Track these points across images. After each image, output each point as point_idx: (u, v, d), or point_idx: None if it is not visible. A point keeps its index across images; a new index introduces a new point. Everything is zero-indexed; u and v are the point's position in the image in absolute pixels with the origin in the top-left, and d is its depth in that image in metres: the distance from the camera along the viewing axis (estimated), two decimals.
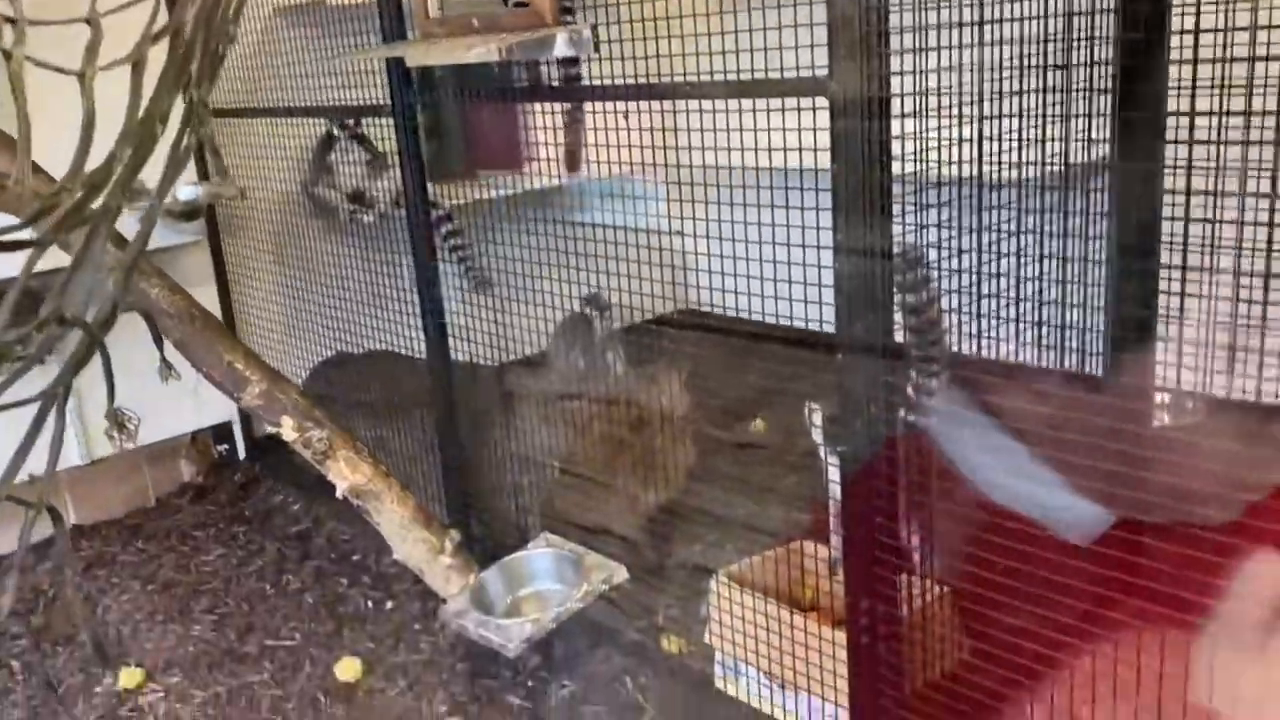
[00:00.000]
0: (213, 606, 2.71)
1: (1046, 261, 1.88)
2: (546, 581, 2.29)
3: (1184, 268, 1.69)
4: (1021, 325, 1.85)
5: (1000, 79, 1.62)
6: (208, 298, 3.35)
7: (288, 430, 2.39)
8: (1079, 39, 1.78)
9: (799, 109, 1.59)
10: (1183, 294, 1.74)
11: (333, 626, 2.58)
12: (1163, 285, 1.86)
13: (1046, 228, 1.87)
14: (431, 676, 2.33)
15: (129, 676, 2.40)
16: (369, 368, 3.16)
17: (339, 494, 2.39)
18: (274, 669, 2.42)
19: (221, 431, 3.52)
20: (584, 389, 2.84)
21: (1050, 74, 1.72)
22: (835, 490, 2.06)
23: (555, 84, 2.20)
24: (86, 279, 1.22)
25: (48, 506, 1.33)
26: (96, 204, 1.18)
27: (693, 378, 2.95)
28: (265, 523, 3.17)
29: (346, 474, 2.39)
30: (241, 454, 3.57)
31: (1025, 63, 1.67)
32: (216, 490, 3.40)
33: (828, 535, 2.11)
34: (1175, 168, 1.62)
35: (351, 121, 3.05)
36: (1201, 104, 1.52)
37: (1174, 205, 1.64)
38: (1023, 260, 1.85)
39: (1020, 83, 1.68)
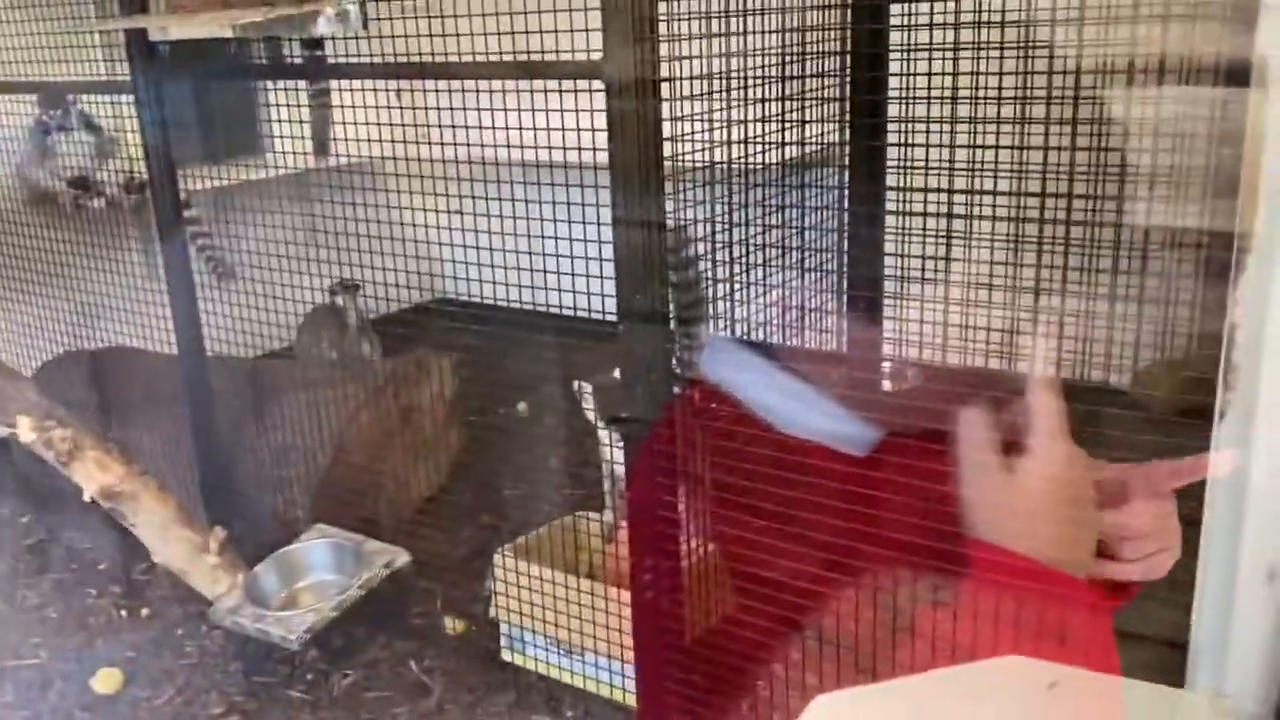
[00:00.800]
0: None
1: (794, 243, 2.06)
2: (324, 572, 2.25)
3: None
4: (774, 304, 2.02)
5: (760, 67, 1.76)
6: None
7: (24, 431, 2.21)
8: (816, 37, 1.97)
9: (575, 90, 1.66)
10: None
11: (83, 639, 2.40)
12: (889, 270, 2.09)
13: (797, 211, 2.05)
14: (202, 679, 2.23)
15: None
16: (103, 366, 2.95)
17: (87, 497, 2.23)
18: (19, 689, 2.22)
19: None
20: (340, 378, 2.78)
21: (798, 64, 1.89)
22: (609, 458, 2.16)
23: (309, 59, 2.16)
24: None
25: None
26: None
27: (455, 366, 2.97)
28: None
29: (96, 475, 2.23)
30: None
31: (784, 55, 1.82)
32: None
33: (601, 505, 2.21)
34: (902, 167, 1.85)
35: (71, 98, 2.83)
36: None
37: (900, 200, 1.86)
38: (774, 242, 2.02)
39: (780, 70, 1.83)
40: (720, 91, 1.70)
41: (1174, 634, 0.61)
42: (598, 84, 1.63)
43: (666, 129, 1.65)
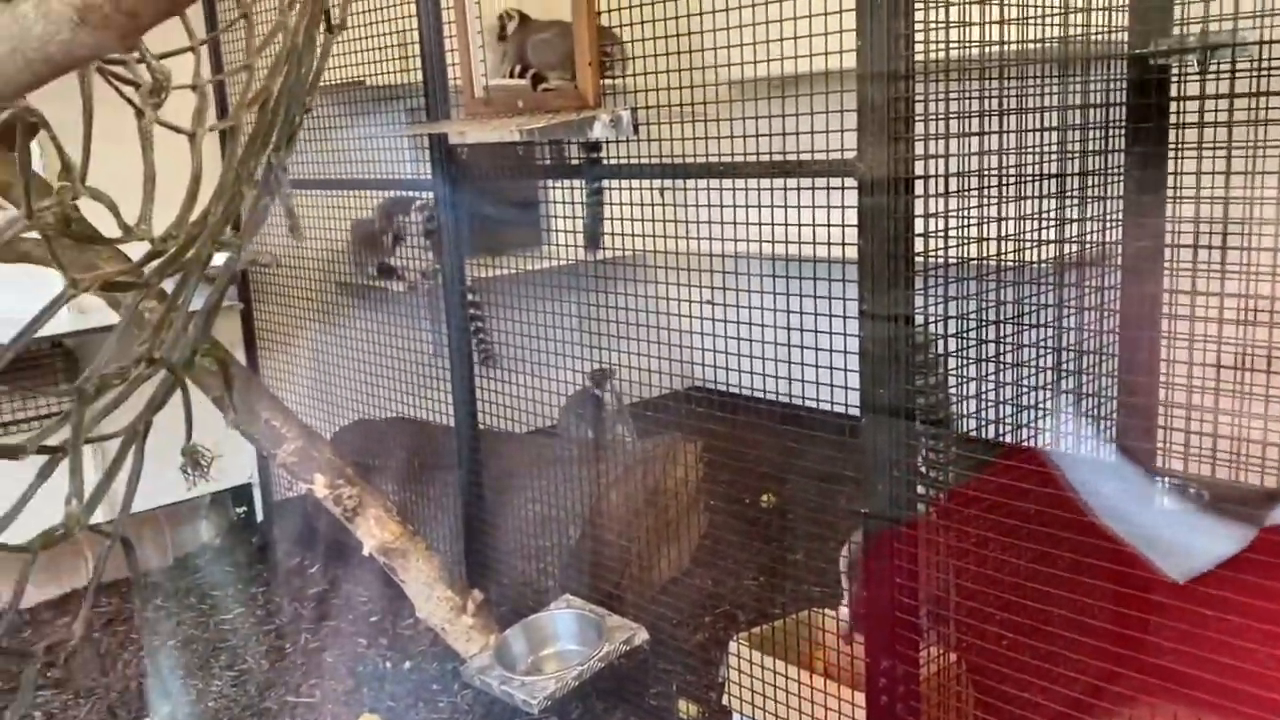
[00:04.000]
0: (232, 663, 2.75)
1: (1058, 344, 1.98)
2: (568, 641, 2.34)
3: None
4: (1034, 407, 1.95)
5: (1020, 164, 1.74)
6: (236, 359, 3.45)
7: (320, 487, 2.46)
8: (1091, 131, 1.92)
9: (828, 188, 1.71)
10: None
11: (352, 684, 2.61)
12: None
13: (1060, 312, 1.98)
14: None
15: None
16: (389, 433, 3.23)
17: (366, 551, 2.45)
18: None
19: (240, 494, 3.58)
20: (595, 457, 2.91)
21: (1066, 162, 1.85)
22: (848, 554, 2.12)
23: (587, 160, 2.33)
24: (178, 322, 1.32)
25: (121, 538, 1.40)
26: (190, 253, 1.29)
27: (704, 452, 3.03)
28: (283, 584, 3.22)
29: (375, 532, 2.45)
30: (259, 516, 3.62)
31: (1043, 152, 1.80)
32: (235, 551, 3.45)
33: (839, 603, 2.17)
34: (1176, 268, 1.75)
35: (419, 201, 3.18)
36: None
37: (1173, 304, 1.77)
38: (1036, 342, 1.95)
39: (1039, 168, 1.80)
40: (978, 189, 1.69)
41: None
42: (850, 181, 1.66)
43: (919, 224, 1.66)
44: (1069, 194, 1.93)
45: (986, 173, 1.73)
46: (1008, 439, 1.90)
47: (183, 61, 1.13)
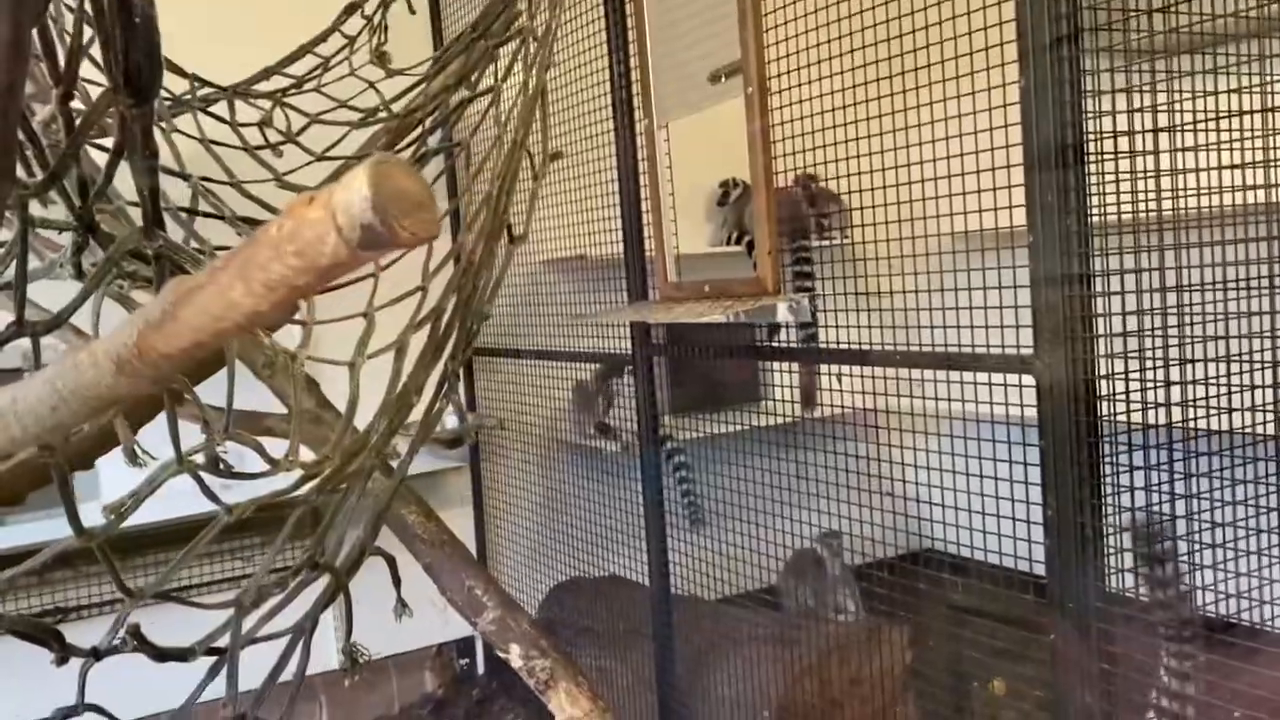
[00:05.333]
0: None
1: None
2: None
3: None
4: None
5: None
6: (465, 518, 3.64)
7: (514, 658, 2.51)
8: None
9: (1005, 385, 1.62)
10: None
11: None
12: None
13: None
14: None
15: None
16: (600, 593, 3.28)
17: None
18: None
19: (464, 646, 3.72)
20: (788, 636, 2.80)
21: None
22: None
23: (783, 345, 2.34)
24: (339, 531, 1.41)
25: None
26: (352, 468, 1.38)
27: (920, 630, 2.85)
28: None
29: (566, 706, 2.46)
30: (481, 669, 3.74)
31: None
32: (455, 703, 3.56)
33: None
34: None
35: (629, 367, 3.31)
36: None
37: None
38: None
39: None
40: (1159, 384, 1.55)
41: None
42: (1028, 379, 1.57)
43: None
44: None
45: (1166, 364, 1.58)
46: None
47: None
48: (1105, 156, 1.49)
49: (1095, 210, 1.48)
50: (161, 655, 1.19)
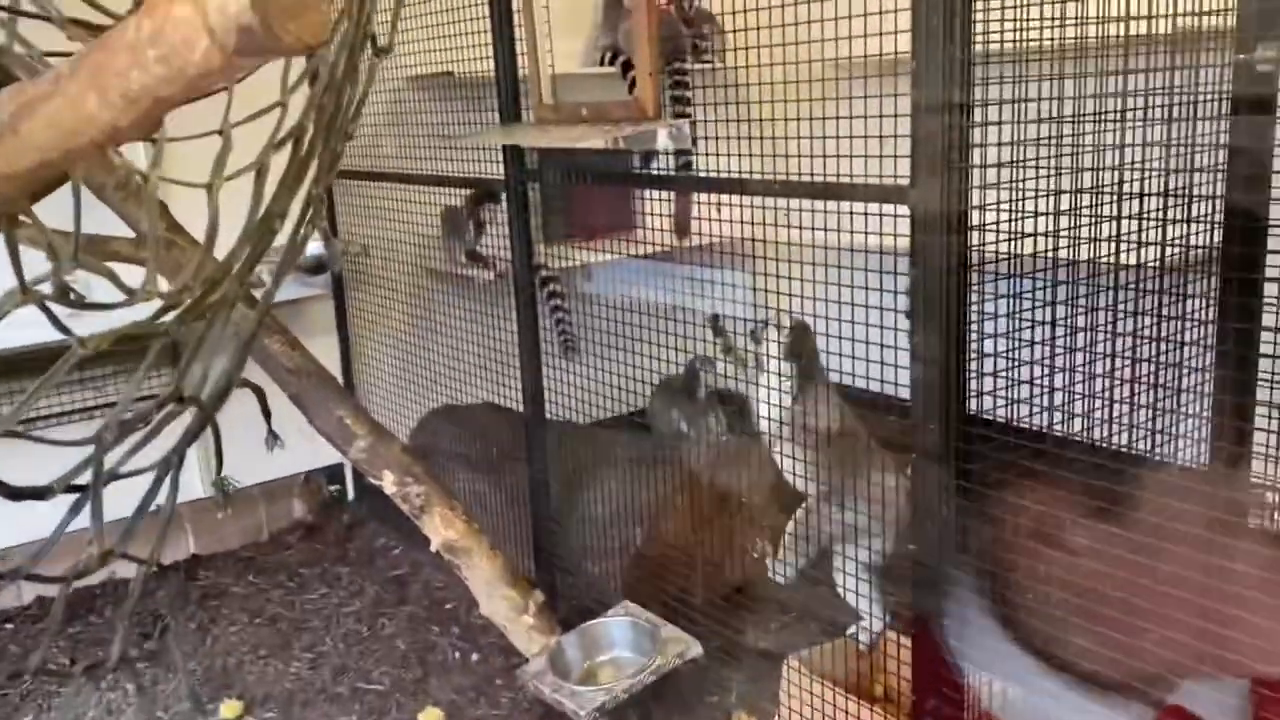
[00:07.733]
0: (312, 644, 2.85)
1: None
2: (623, 650, 2.34)
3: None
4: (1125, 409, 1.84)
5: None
6: (329, 346, 3.55)
7: (388, 484, 2.52)
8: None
9: (880, 214, 1.64)
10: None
11: (420, 674, 2.68)
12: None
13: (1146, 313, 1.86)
14: None
15: (229, 709, 2.55)
16: (474, 419, 3.28)
17: (433, 548, 2.50)
18: (362, 712, 2.53)
19: (333, 473, 3.70)
20: (658, 456, 2.88)
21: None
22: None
23: (660, 172, 2.29)
24: (203, 362, 1.34)
25: (158, 564, 1.46)
26: (214, 297, 1.30)
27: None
28: (367, 565, 3.32)
29: (440, 529, 2.50)
30: (350, 495, 3.74)
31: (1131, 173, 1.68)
32: (325, 529, 3.57)
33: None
34: None
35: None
36: None
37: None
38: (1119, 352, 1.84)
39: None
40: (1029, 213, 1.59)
41: None
42: (903, 209, 1.59)
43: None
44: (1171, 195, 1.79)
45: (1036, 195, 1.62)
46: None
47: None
48: None
49: (979, 39, 1.47)
50: (16, 494, 1.13)
